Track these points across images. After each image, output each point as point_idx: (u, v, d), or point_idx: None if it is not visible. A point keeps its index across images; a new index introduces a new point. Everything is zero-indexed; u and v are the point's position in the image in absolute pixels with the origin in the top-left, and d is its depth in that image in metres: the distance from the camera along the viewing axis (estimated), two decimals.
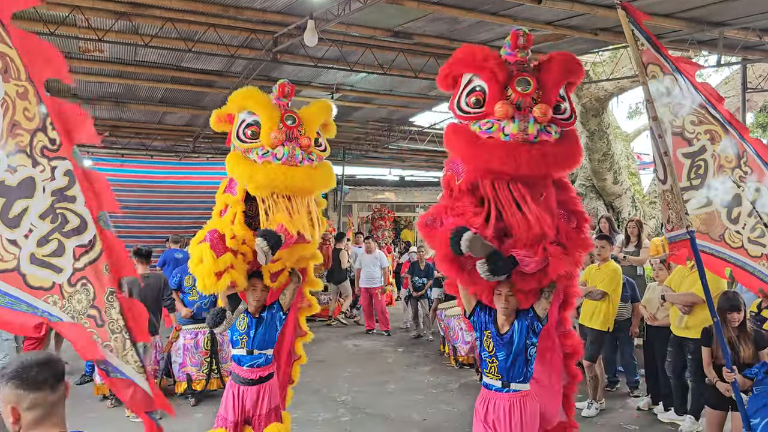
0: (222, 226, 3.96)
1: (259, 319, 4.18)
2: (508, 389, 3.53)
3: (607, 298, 6.26)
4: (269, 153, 3.95)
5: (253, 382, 4.18)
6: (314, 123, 4.22)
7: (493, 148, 3.16)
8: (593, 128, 11.71)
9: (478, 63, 3.24)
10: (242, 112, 4.12)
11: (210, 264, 3.74)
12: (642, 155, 18.34)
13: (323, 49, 8.92)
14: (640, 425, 6.03)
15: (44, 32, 7.73)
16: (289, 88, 4.28)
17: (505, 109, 3.14)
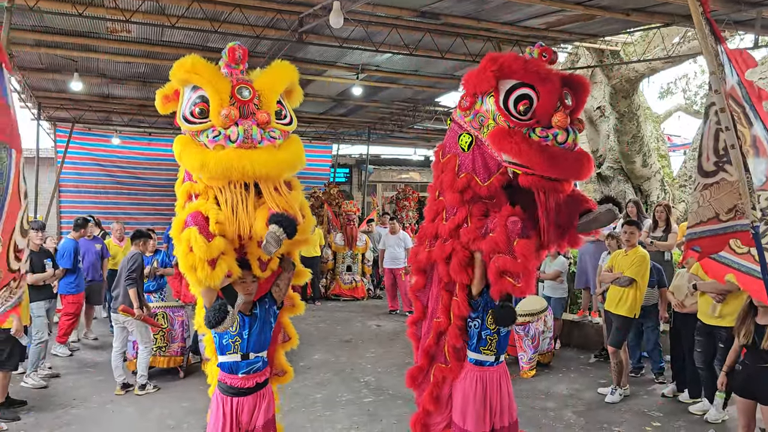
0: (205, 207, 3.35)
1: (252, 316, 3.57)
2: (498, 362, 3.95)
3: (635, 285, 6.18)
4: (221, 135, 3.31)
5: (250, 391, 3.58)
6: (274, 92, 3.52)
7: (564, 156, 3.41)
8: (623, 110, 11.48)
9: (541, 75, 3.42)
10: (186, 87, 3.50)
11: (202, 251, 3.15)
12: (672, 137, 18.01)
13: (349, 29, 8.85)
14: (664, 412, 5.98)
15: (73, 13, 7.80)
16: (240, 51, 3.53)
17: (564, 119, 3.39)
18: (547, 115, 3.39)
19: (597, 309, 8.10)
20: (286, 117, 3.61)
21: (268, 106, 3.45)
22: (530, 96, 3.42)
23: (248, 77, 3.55)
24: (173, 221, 3.40)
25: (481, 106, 3.61)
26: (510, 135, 3.44)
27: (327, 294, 12.41)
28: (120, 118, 15.42)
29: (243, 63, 3.55)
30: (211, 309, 3.32)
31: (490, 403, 3.87)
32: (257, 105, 3.42)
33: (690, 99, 19.75)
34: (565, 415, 5.94)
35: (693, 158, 12.27)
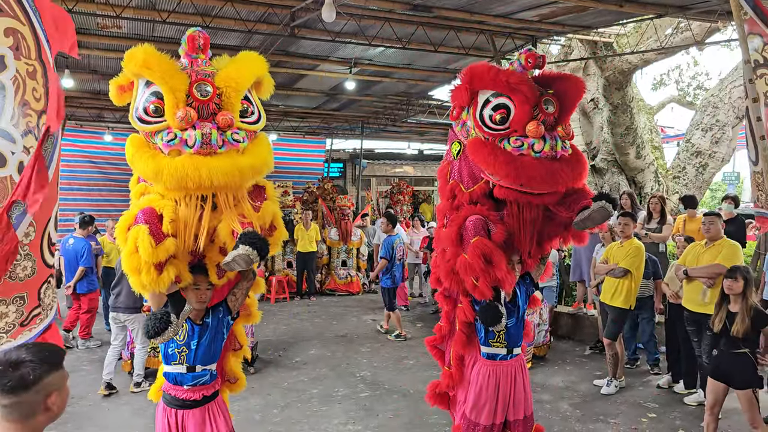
0: (159, 204, 2.99)
1: (203, 325, 3.26)
2: (512, 355, 3.90)
3: (630, 276, 6.19)
4: (177, 139, 2.92)
5: (197, 403, 3.28)
6: (239, 87, 3.09)
7: (536, 166, 3.36)
8: (616, 101, 11.47)
9: (511, 86, 3.40)
10: (141, 80, 3.08)
11: (148, 253, 2.82)
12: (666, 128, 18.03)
13: (341, 23, 8.82)
14: (659, 403, 6.00)
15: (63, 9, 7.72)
16: (202, 39, 3.14)
17: (538, 129, 3.35)
18: (522, 124, 3.38)
19: (592, 301, 8.11)
20: (254, 114, 3.20)
21: (230, 106, 3.05)
22: (507, 105, 3.42)
23: (212, 67, 3.16)
24: (122, 215, 3.05)
25: (466, 116, 3.65)
26: (482, 146, 3.46)
27: (322, 289, 12.39)
28: (112, 114, 15.34)
29: (205, 51, 3.19)
30: (151, 317, 3.02)
31: (503, 397, 3.86)
32: (218, 105, 3.04)
33: (683, 90, 19.77)
34: (561, 407, 5.95)
35: (686, 149, 12.30)
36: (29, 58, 2.42)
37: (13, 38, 2.39)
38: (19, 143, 2.39)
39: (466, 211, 3.65)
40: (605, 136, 12.48)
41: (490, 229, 3.55)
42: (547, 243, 3.91)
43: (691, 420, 5.54)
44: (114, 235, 9.24)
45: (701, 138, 12.02)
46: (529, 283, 4.01)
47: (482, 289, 3.46)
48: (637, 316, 6.87)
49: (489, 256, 3.42)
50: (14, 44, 2.39)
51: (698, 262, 5.65)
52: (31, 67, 2.43)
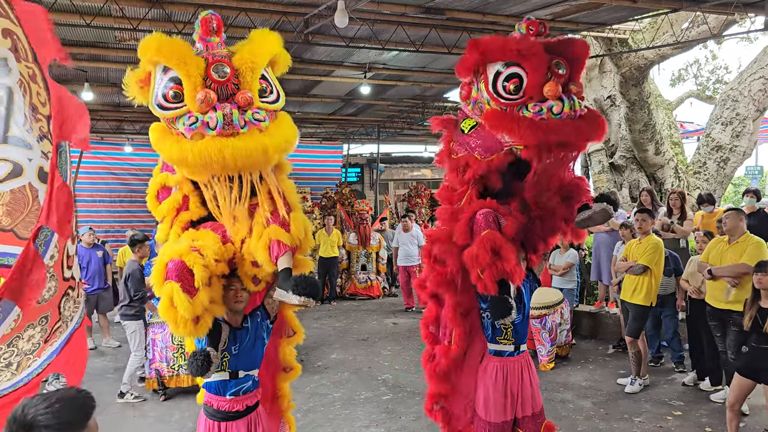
0: (190, 258, 2.94)
1: (242, 330, 3.24)
2: (519, 351, 3.93)
3: (649, 273, 6.13)
4: (199, 122, 2.91)
5: (240, 414, 3.22)
6: (256, 66, 3.05)
7: (561, 126, 3.36)
8: (633, 98, 11.38)
9: (522, 53, 3.39)
10: (157, 68, 3.06)
11: (187, 311, 2.86)
12: (685, 124, 17.81)
13: (354, 28, 8.86)
14: (685, 401, 5.93)
15: (81, 24, 7.89)
16: (215, 21, 3.12)
17: (556, 88, 3.33)
18: (538, 90, 3.35)
19: (614, 300, 8.04)
20: (273, 93, 3.16)
21: (249, 85, 3.02)
22: (519, 74, 3.40)
23: (227, 50, 3.12)
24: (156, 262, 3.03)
25: (477, 93, 3.62)
26: (502, 116, 3.45)
27: (342, 293, 12.43)
28: (131, 126, 15.56)
29: (219, 34, 3.14)
30: (192, 360, 2.96)
31: (511, 393, 3.86)
32: (237, 85, 3.01)
33: (702, 85, 19.54)
34: (585, 406, 5.91)
35: (706, 144, 12.15)
36: (27, 60, 2.35)
37: (10, 40, 2.30)
38: (36, 149, 2.34)
39: (477, 204, 3.62)
40: (623, 133, 12.39)
41: (501, 222, 3.53)
42: (550, 238, 3.92)
43: (718, 417, 5.46)
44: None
45: (721, 132, 11.87)
46: (533, 279, 4.04)
47: (486, 282, 3.42)
48: (660, 314, 6.80)
49: (498, 249, 3.40)
50: (12, 46, 2.30)
51: (722, 260, 5.57)
52: (31, 71, 2.37)
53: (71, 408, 1.72)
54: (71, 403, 1.73)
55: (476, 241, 3.48)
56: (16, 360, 2.32)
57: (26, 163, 2.31)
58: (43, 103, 2.37)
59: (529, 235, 3.83)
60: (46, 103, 2.36)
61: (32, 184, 2.33)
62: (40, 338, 2.40)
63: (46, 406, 1.68)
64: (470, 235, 3.57)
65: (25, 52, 2.32)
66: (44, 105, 2.37)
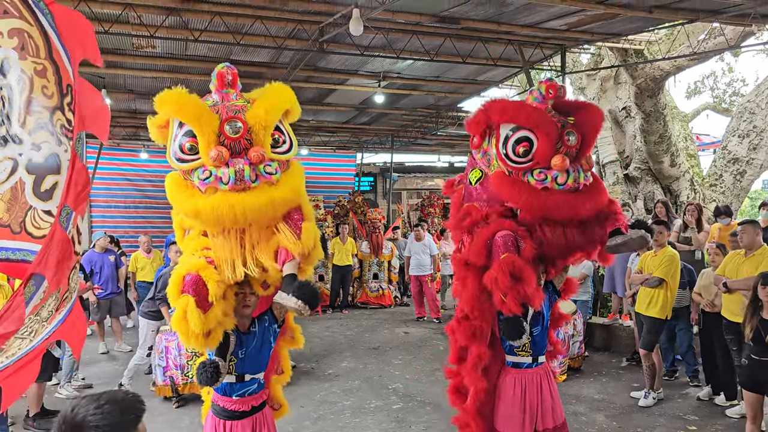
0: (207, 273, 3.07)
1: (249, 334, 3.31)
2: (537, 363, 3.87)
3: (665, 285, 6.06)
4: (212, 176, 3.04)
5: (246, 414, 3.34)
6: (269, 121, 3.18)
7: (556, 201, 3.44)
8: (649, 109, 11.32)
9: (534, 121, 3.45)
10: (174, 121, 3.20)
11: (197, 325, 2.95)
12: (701, 136, 17.67)
13: (369, 37, 8.91)
14: (700, 416, 5.84)
15: (99, 30, 7.97)
16: (231, 74, 3.23)
17: (563, 163, 3.41)
18: (546, 158, 3.42)
19: (627, 312, 7.96)
20: (285, 143, 3.28)
21: (261, 142, 3.14)
22: (530, 138, 3.45)
23: (242, 100, 3.26)
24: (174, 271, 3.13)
25: (488, 147, 3.68)
26: (506, 180, 3.53)
27: (354, 302, 12.41)
28: (147, 133, 15.66)
29: (234, 86, 3.27)
30: (201, 370, 3.03)
31: (530, 405, 3.81)
32: (249, 140, 3.13)
33: (718, 97, 19.40)
34: (597, 419, 5.83)
35: (722, 157, 12.04)
36: (38, 56, 2.42)
37: (18, 38, 2.39)
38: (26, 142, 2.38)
39: (495, 225, 3.61)
40: (638, 144, 12.31)
41: (520, 245, 3.53)
42: (571, 256, 3.88)
43: None
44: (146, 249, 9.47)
45: (738, 145, 11.76)
46: (552, 291, 3.99)
47: (510, 306, 3.41)
48: (674, 327, 6.71)
49: (518, 273, 3.39)
50: (19, 44, 2.39)
51: (738, 273, 5.50)
52: (41, 66, 2.42)
53: (121, 409, 1.71)
54: (121, 405, 1.72)
55: (495, 265, 3.47)
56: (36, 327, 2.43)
57: (18, 158, 2.37)
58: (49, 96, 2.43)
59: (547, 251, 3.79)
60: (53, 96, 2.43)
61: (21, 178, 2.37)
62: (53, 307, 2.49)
63: (96, 407, 1.68)
64: (487, 256, 3.58)
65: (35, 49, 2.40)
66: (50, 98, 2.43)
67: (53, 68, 2.43)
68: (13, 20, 2.38)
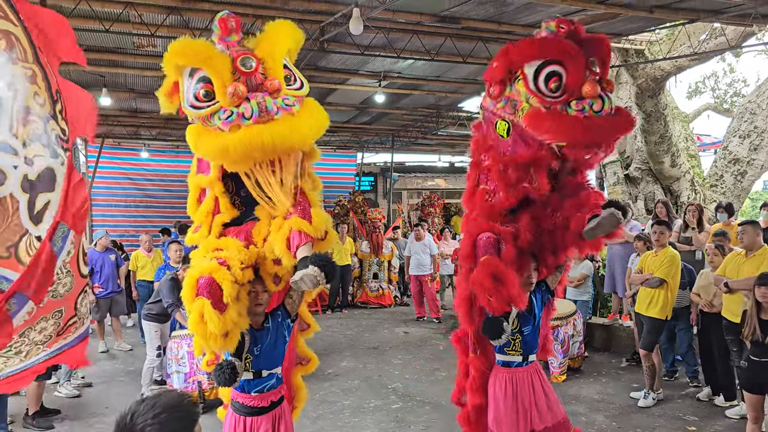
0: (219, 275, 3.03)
1: (263, 330, 3.33)
2: (527, 362, 3.88)
3: (665, 286, 6.06)
4: (234, 114, 3.01)
5: (265, 410, 3.35)
6: (278, 55, 3.20)
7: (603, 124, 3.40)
8: (649, 109, 11.30)
9: (564, 51, 3.41)
10: (184, 73, 3.21)
11: (217, 327, 2.95)
12: (702, 136, 17.65)
13: (369, 36, 8.89)
14: (699, 416, 5.83)
15: (100, 29, 7.98)
16: (233, 21, 3.22)
17: (595, 88, 3.38)
18: (578, 88, 3.38)
19: (628, 312, 7.95)
20: (296, 81, 3.29)
21: (275, 72, 3.14)
22: (559, 72, 3.40)
23: (247, 46, 3.25)
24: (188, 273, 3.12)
25: (511, 91, 3.60)
26: (546, 116, 3.44)
27: (354, 302, 12.41)
28: (148, 132, 15.68)
29: (237, 32, 3.24)
30: (218, 372, 3.07)
31: (523, 404, 3.80)
32: (263, 74, 3.12)
33: (719, 98, 19.39)
34: (597, 419, 5.83)
35: (723, 157, 12.02)
36: (26, 61, 2.19)
37: (6, 41, 2.14)
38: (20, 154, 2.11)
39: (483, 226, 3.62)
40: (639, 144, 12.29)
41: (501, 247, 3.54)
42: (562, 253, 3.88)
43: None
44: (147, 248, 9.46)
45: (739, 145, 11.75)
46: (545, 290, 3.99)
47: (496, 306, 3.41)
48: (674, 327, 6.70)
49: (499, 275, 3.39)
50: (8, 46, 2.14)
51: (738, 273, 5.49)
52: (30, 71, 2.20)
53: (179, 417, 1.71)
54: (177, 411, 1.72)
55: (477, 266, 3.51)
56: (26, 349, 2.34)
57: (11, 170, 2.07)
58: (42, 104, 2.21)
59: (540, 248, 3.80)
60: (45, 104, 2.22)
61: (13, 194, 2.06)
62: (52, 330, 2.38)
63: (153, 416, 1.66)
64: (474, 258, 3.61)
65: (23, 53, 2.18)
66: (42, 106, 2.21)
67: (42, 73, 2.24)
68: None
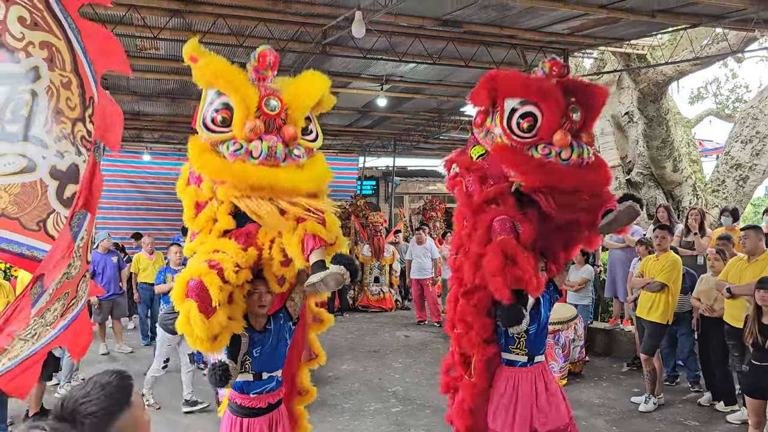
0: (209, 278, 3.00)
1: (265, 332, 3.33)
2: (532, 362, 3.83)
3: (667, 290, 6.04)
4: (243, 149, 3.07)
5: (263, 411, 3.36)
6: (304, 105, 3.25)
7: (566, 173, 3.42)
8: (651, 114, 11.30)
9: (542, 93, 3.44)
10: (210, 90, 3.24)
11: (201, 330, 2.96)
12: (704, 142, 17.64)
13: (372, 40, 8.91)
14: (701, 421, 5.81)
15: None
16: (272, 57, 3.25)
17: (565, 138, 3.39)
18: (550, 132, 3.41)
19: (629, 317, 7.93)
20: (313, 133, 3.35)
21: (295, 121, 3.21)
22: (534, 113, 3.45)
23: (276, 85, 3.30)
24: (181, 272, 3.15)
25: (491, 124, 3.68)
26: (511, 152, 3.52)
27: (354, 305, 12.38)
28: (150, 135, 15.73)
29: (274, 69, 3.29)
30: (212, 372, 3.08)
31: (522, 404, 3.74)
32: (284, 120, 3.18)
33: (721, 103, 19.38)
34: (597, 424, 5.81)
35: (725, 162, 12.01)
36: (64, 70, 2.59)
37: (47, 51, 2.56)
38: (51, 147, 2.52)
39: (493, 212, 3.59)
40: (641, 149, 12.29)
41: (518, 229, 3.48)
42: (572, 248, 3.90)
43: None
44: (149, 251, 9.46)
45: (741, 150, 11.74)
46: (553, 290, 3.98)
47: (497, 287, 3.33)
48: (676, 332, 6.68)
49: (513, 255, 3.33)
50: (48, 56, 2.56)
51: (741, 278, 5.48)
52: (66, 78, 2.60)
53: (109, 392, 1.70)
54: (107, 387, 1.71)
55: (490, 247, 3.44)
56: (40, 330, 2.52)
57: (40, 160, 2.50)
58: (72, 108, 2.60)
59: (548, 244, 3.78)
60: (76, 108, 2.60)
61: (43, 180, 2.50)
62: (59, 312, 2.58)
63: (84, 395, 1.66)
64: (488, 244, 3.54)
65: (62, 62, 2.58)
66: (73, 109, 2.60)
67: (77, 81, 2.62)
68: (43, 33, 2.56)
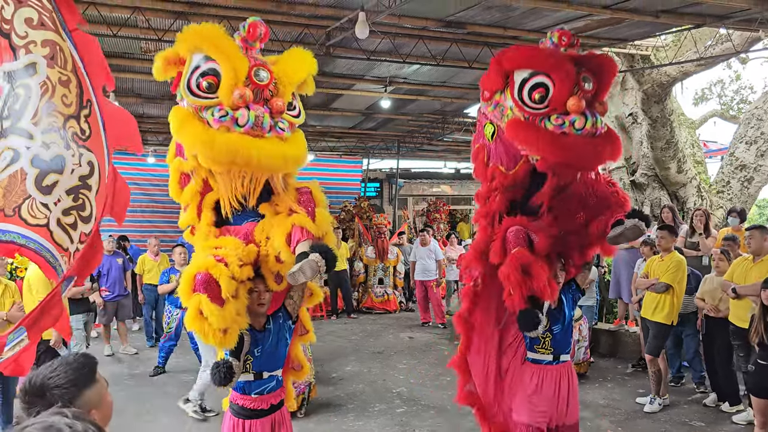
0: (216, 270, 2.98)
1: (265, 331, 3.30)
2: (558, 361, 3.90)
3: (671, 291, 6.03)
4: (229, 116, 3.00)
5: (264, 413, 3.31)
6: (292, 81, 3.24)
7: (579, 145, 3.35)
8: (655, 115, 11.27)
9: (552, 63, 3.40)
10: (196, 55, 3.15)
11: (217, 321, 2.92)
12: (708, 143, 17.61)
13: (375, 41, 8.92)
14: (706, 422, 5.79)
15: (107, 34, 8.03)
16: (262, 28, 3.24)
17: (579, 104, 3.32)
18: (562, 102, 3.34)
19: (634, 318, 7.91)
20: (296, 109, 3.33)
21: (284, 95, 3.18)
22: (545, 84, 3.39)
23: (265, 59, 3.27)
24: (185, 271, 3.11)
25: (500, 97, 3.62)
26: (523, 126, 3.45)
27: (359, 307, 12.38)
28: (155, 137, 15.76)
29: (262, 41, 3.27)
30: (215, 371, 3.02)
31: (546, 398, 3.83)
32: (272, 92, 3.14)
33: (726, 104, 19.34)
34: (602, 425, 5.79)
35: (730, 163, 11.98)
36: (64, 68, 2.63)
37: (50, 49, 2.60)
38: (37, 139, 2.55)
39: (507, 222, 3.64)
40: (645, 150, 12.26)
41: (532, 239, 3.52)
42: (587, 250, 3.90)
43: None
44: (154, 253, 9.47)
45: (745, 151, 11.71)
46: (575, 289, 4.00)
47: (515, 301, 3.41)
48: (681, 333, 6.67)
49: (528, 267, 3.37)
50: (50, 54, 2.60)
51: (746, 279, 5.46)
52: (65, 77, 2.64)
53: (75, 368, 1.81)
54: (73, 364, 1.83)
55: (507, 259, 3.48)
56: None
57: (24, 150, 2.53)
58: (68, 105, 2.64)
59: (566, 247, 3.82)
60: (71, 105, 2.65)
61: (23, 168, 2.53)
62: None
63: (51, 371, 1.77)
64: (504, 254, 3.58)
65: (63, 61, 2.63)
66: (68, 106, 2.64)
67: (76, 81, 2.67)
68: (48, 32, 2.61)
